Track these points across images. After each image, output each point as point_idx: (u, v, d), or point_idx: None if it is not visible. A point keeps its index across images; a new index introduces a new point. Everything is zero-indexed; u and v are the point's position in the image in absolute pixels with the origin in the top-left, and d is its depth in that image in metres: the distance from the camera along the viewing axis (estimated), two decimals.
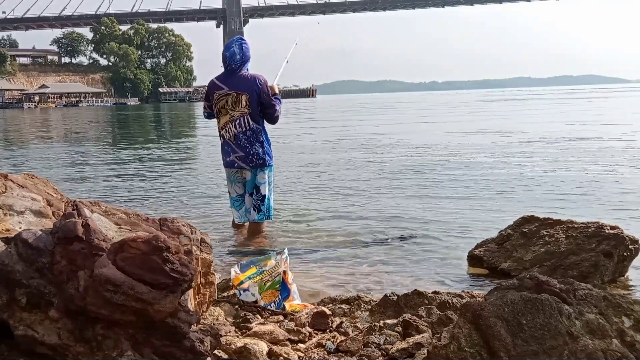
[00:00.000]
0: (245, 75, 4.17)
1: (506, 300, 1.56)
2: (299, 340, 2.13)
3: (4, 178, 1.95)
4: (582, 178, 6.78)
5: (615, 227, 3.15)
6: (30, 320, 1.51)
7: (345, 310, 2.53)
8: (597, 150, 9.53)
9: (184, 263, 1.55)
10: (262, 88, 4.14)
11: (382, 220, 4.80)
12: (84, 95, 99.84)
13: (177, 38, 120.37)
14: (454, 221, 4.69)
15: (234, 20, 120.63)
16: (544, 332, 1.49)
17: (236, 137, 4.18)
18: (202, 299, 2.13)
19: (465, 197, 5.81)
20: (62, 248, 1.57)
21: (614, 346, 1.50)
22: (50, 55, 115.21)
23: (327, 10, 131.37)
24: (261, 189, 4.24)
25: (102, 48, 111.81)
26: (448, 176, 7.25)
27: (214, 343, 1.88)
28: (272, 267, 2.60)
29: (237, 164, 4.21)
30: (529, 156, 9.14)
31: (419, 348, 1.87)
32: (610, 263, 3.02)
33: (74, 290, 1.50)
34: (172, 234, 1.90)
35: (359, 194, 6.13)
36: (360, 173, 7.85)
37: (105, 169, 9.49)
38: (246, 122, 4.15)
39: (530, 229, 3.38)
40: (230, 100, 4.15)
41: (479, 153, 9.83)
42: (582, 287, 1.65)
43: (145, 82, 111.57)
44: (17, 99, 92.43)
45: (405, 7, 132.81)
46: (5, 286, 1.54)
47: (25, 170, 8.66)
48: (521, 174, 7.23)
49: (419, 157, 9.54)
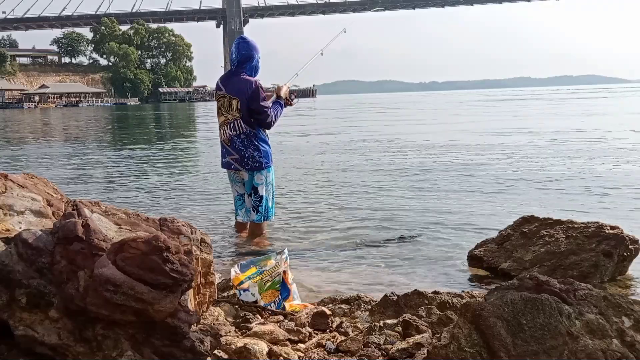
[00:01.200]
0: (240, 79, 4.10)
1: (506, 300, 1.56)
2: (299, 340, 2.12)
3: (4, 178, 1.95)
4: (582, 178, 6.79)
5: (615, 227, 3.15)
6: (30, 320, 1.51)
7: (345, 310, 2.53)
8: (604, 150, 9.53)
9: (184, 263, 1.55)
10: (251, 94, 4.04)
11: (382, 220, 4.79)
12: (84, 95, 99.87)
13: (177, 38, 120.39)
14: (454, 221, 4.69)
15: (234, 20, 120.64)
16: (544, 332, 1.49)
17: (231, 140, 4.15)
18: (202, 299, 2.13)
19: (466, 197, 5.81)
20: (62, 248, 1.57)
21: (614, 346, 1.50)
22: (50, 55, 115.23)
23: (327, 10, 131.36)
24: (259, 189, 4.23)
25: (102, 48, 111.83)
26: (448, 176, 7.25)
27: (214, 343, 1.88)
28: (272, 267, 2.60)
29: (233, 166, 4.20)
30: (532, 156, 9.14)
31: (419, 348, 1.87)
32: (610, 263, 3.02)
33: (74, 290, 1.50)
34: (172, 234, 1.90)
35: (359, 194, 6.13)
36: (360, 173, 7.85)
37: (105, 168, 9.49)
38: (239, 126, 4.12)
39: (530, 229, 3.38)
40: (225, 102, 4.14)
41: (480, 153, 9.83)
42: (582, 287, 1.65)
43: (145, 82, 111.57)
44: (17, 99, 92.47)
45: (405, 7, 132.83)
46: (5, 286, 1.54)
47: (26, 170, 8.66)
48: (521, 174, 7.23)
49: (419, 158, 9.54)
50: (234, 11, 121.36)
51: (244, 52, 4.13)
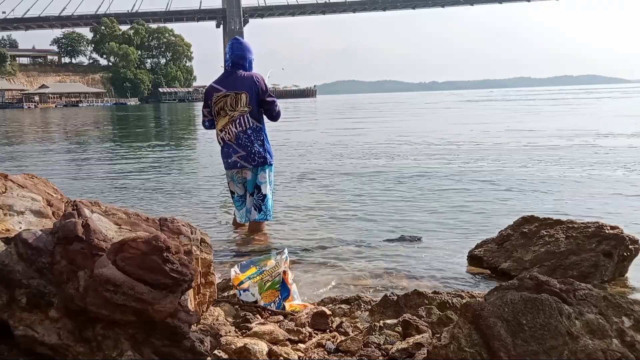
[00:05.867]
0: (241, 75, 4.23)
1: (506, 300, 1.56)
2: (299, 340, 2.12)
3: (4, 178, 1.95)
4: (582, 178, 6.79)
5: (615, 227, 3.15)
6: (30, 320, 1.51)
7: (345, 310, 2.53)
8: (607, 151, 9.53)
9: (184, 263, 1.55)
10: (260, 85, 4.23)
11: (382, 220, 4.80)
12: (84, 95, 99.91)
13: (177, 38, 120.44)
14: (454, 221, 4.69)
15: (234, 20, 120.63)
16: (544, 332, 1.49)
17: (237, 137, 4.21)
18: (202, 299, 2.13)
19: (465, 197, 5.81)
20: (62, 248, 1.57)
21: (614, 346, 1.50)
22: (50, 55, 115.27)
23: (327, 10, 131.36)
24: (262, 188, 4.27)
25: (102, 48, 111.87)
26: (448, 177, 7.25)
27: (214, 343, 1.88)
28: (272, 267, 2.60)
29: (239, 164, 4.24)
30: (532, 156, 9.13)
31: (419, 348, 1.87)
32: (610, 263, 3.02)
33: (74, 290, 1.50)
34: (172, 234, 1.90)
35: (359, 195, 6.13)
36: (360, 173, 7.84)
37: (105, 168, 9.49)
38: (246, 121, 4.20)
39: (530, 229, 3.38)
40: (229, 100, 4.20)
41: (480, 153, 9.83)
42: (582, 287, 1.65)
43: (145, 82, 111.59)
44: (17, 99, 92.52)
45: (405, 7, 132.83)
46: (5, 286, 1.54)
47: (25, 170, 8.66)
48: (522, 174, 7.23)
49: (420, 158, 9.53)
50: (234, 11, 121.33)
51: (238, 52, 4.29)
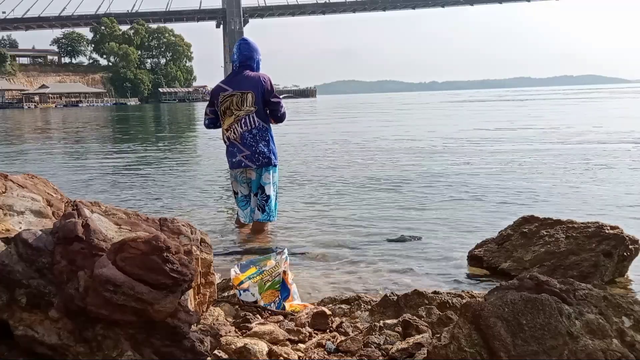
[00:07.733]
0: (248, 75, 4.25)
1: (506, 300, 1.56)
2: (299, 340, 2.12)
3: (4, 178, 1.95)
4: (582, 178, 6.79)
5: (615, 227, 3.15)
6: (30, 320, 1.51)
7: (345, 310, 2.53)
8: (599, 152, 9.53)
9: (184, 263, 1.55)
10: (266, 85, 4.25)
11: (382, 220, 4.79)
12: (84, 95, 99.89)
13: (177, 38, 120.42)
14: (454, 221, 4.69)
15: (234, 20, 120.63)
16: (544, 332, 1.49)
17: (242, 137, 4.23)
18: (202, 299, 2.13)
19: (466, 197, 5.81)
20: (62, 248, 1.57)
21: (614, 346, 1.50)
22: (50, 55, 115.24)
23: (327, 10, 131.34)
24: (266, 189, 4.29)
25: (102, 48, 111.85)
26: (448, 176, 7.25)
27: (214, 343, 1.88)
28: (272, 267, 2.60)
29: (243, 163, 4.26)
30: (532, 156, 9.14)
31: (419, 348, 1.87)
32: (610, 263, 3.02)
33: (74, 290, 1.50)
34: (172, 234, 1.90)
35: (359, 194, 6.13)
36: (360, 174, 7.84)
37: (105, 168, 9.49)
38: (252, 121, 4.22)
39: (530, 229, 3.38)
40: (235, 100, 4.22)
41: (480, 153, 9.83)
42: (582, 287, 1.65)
43: (145, 82, 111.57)
44: (17, 99, 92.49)
45: (405, 7, 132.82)
46: (5, 286, 1.54)
47: (25, 170, 8.66)
48: (523, 174, 7.23)
49: (421, 157, 9.54)
50: (234, 11, 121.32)
51: (245, 52, 4.29)
